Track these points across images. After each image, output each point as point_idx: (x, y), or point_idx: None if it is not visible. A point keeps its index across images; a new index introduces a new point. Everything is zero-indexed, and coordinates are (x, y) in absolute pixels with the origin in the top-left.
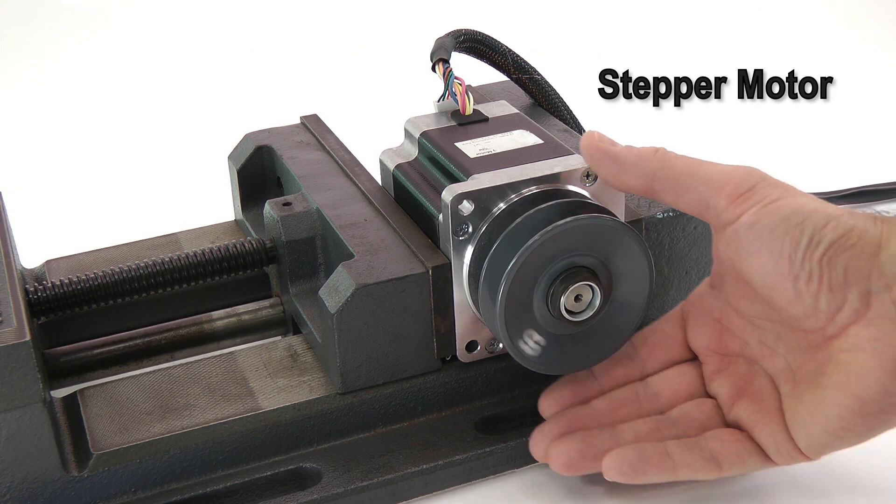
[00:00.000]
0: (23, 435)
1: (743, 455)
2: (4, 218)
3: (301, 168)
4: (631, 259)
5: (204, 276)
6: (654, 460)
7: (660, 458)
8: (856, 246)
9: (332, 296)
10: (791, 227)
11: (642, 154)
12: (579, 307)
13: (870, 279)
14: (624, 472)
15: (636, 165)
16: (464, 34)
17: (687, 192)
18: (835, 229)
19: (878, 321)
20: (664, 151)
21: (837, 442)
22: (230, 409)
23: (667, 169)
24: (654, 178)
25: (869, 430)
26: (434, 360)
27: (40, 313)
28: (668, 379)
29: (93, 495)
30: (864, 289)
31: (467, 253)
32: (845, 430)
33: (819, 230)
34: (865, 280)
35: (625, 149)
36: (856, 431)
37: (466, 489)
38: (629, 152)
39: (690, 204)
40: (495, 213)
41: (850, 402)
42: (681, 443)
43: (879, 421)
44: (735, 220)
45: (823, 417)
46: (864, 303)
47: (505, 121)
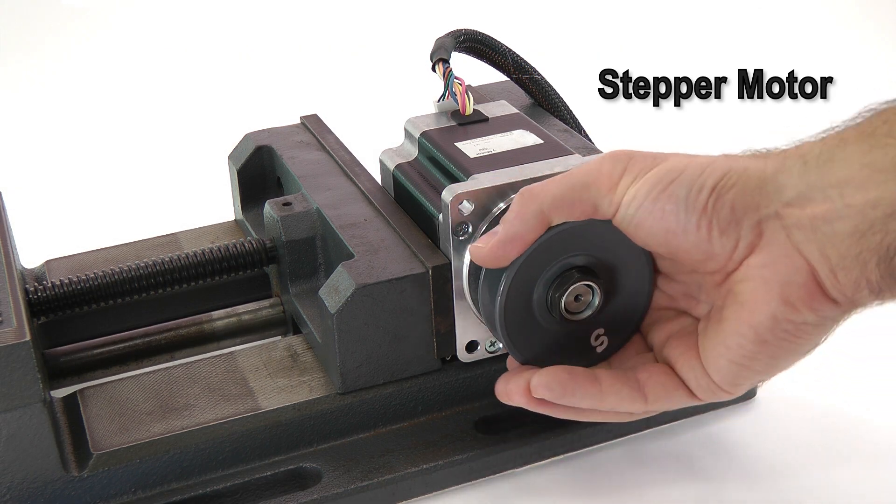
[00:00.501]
0: (23, 435)
1: (669, 388)
2: (4, 218)
3: (301, 168)
4: (631, 259)
5: (204, 276)
6: (583, 382)
7: (588, 382)
8: (737, 184)
9: (332, 296)
10: (666, 185)
11: (519, 210)
12: (579, 307)
13: (759, 209)
14: (552, 388)
15: (524, 223)
16: (464, 34)
17: (576, 206)
18: (712, 174)
19: (767, 248)
20: (528, 190)
21: (746, 371)
22: (230, 409)
23: (547, 200)
24: (542, 213)
25: (770, 357)
26: (434, 360)
27: (40, 313)
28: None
29: (93, 495)
30: (754, 220)
31: (467, 253)
32: (748, 359)
33: (696, 178)
34: (755, 211)
35: (501, 227)
36: (759, 359)
37: (466, 489)
38: (510, 223)
39: (583, 213)
40: (495, 213)
41: (746, 331)
42: (611, 371)
43: (777, 347)
44: (618, 205)
45: (725, 349)
46: (757, 233)
47: (505, 121)
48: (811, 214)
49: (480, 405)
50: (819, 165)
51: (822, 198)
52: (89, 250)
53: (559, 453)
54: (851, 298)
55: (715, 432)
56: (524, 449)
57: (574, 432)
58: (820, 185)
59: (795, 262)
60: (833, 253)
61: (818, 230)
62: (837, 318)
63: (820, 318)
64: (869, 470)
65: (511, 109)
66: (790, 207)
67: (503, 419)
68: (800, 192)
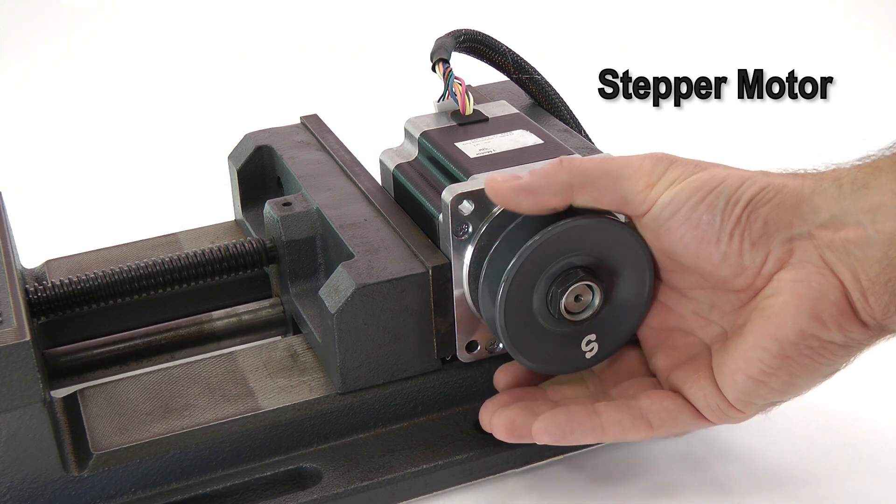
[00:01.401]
0: (23, 435)
1: (673, 412)
2: (4, 218)
3: (301, 168)
4: (631, 259)
5: (204, 276)
6: (582, 419)
7: (587, 418)
8: (773, 199)
9: (332, 296)
10: (706, 194)
11: (549, 172)
12: (579, 307)
13: (791, 227)
14: (552, 433)
15: (549, 184)
16: (464, 34)
17: (604, 193)
18: (751, 187)
19: (799, 264)
20: (569, 160)
21: (762, 389)
22: (230, 409)
23: (579, 176)
24: (570, 188)
25: (790, 375)
26: (434, 360)
27: (40, 313)
28: (609, 363)
29: (93, 495)
30: (786, 237)
31: (467, 253)
32: (767, 375)
33: (735, 190)
34: (787, 228)
35: (530, 175)
36: (777, 376)
37: (466, 489)
38: (536, 176)
39: (609, 202)
40: (495, 213)
41: (769, 344)
42: (610, 403)
43: (799, 365)
44: (652, 205)
45: (745, 362)
46: (788, 250)
47: (505, 121)
48: (843, 238)
49: (480, 405)
50: (853, 191)
51: (855, 222)
52: (89, 250)
53: (559, 453)
54: (881, 323)
55: (718, 431)
56: (524, 449)
57: None
58: (853, 209)
59: (829, 280)
60: (864, 277)
61: (850, 254)
62: (863, 342)
63: (847, 338)
64: (878, 479)
65: (511, 109)
66: (823, 229)
67: None
68: (833, 214)
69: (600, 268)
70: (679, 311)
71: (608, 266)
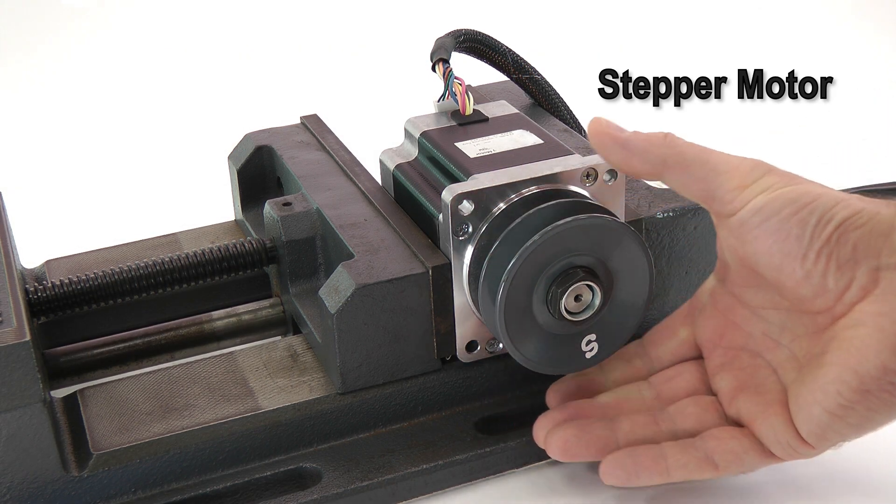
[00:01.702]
0: (23, 435)
1: (740, 453)
2: (4, 218)
3: (301, 168)
4: (631, 259)
5: (204, 276)
6: (649, 464)
7: (654, 461)
8: (866, 225)
9: (332, 296)
10: (799, 208)
11: (651, 139)
12: (579, 307)
13: (880, 256)
14: (619, 476)
15: (646, 151)
16: (464, 34)
17: (694, 181)
18: (844, 209)
19: (883, 297)
20: (673, 137)
21: (838, 423)
22: (230, 409)
23: (677, 156)
24: (663, 164)
25: (868, 410)
26: (434, 360)
27: (40, 313)
28: (669, 376)
29: (93, 495)
30: (873, 265)
31: (467, 253)
32: (844, 409)
33: (828, 210)
34: (875, 257)
35: (633, 134)
36: (855, 410)
37: (466, 489)
38: (638, 138)
39: (696, 192)
40: (495, 213)
41: (850, 378)
42: (676, 444)
43: (878, 400)
44: (741, 207)
45: (823, 395)
46: (873, 279)
47: (505, 121)
48: None
49: (480, 405)
50: None
51: None
52: (89, 250)
53: None
54: None
55: None
56: (524, 449)
57: None
58: None
59: None
60: None
61: None
62: None
63: None
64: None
65: (511, 109)
66: None
67: (503, 419)
68: None
69: (600, 268)
70: (748, 330)
71: (608, 266)
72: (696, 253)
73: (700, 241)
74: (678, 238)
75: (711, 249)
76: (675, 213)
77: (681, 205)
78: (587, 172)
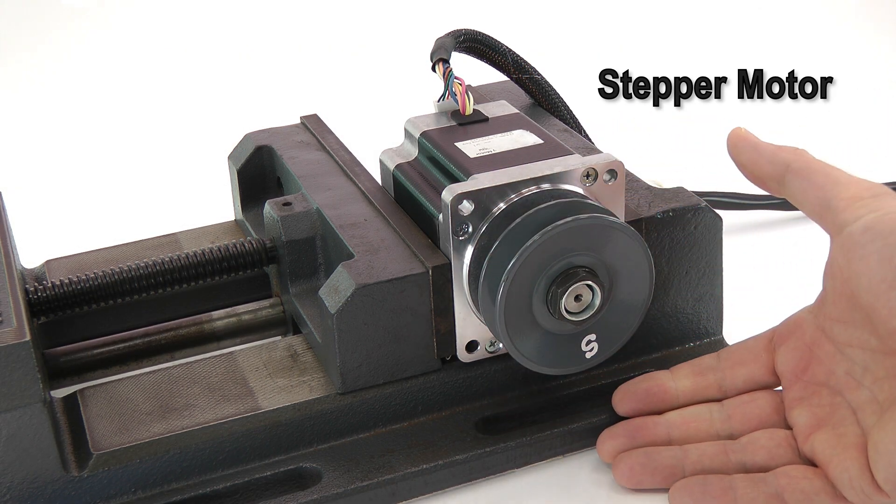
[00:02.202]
0: (23, 435)
1: (811, 493)
2: (4, 218)
3: (301, 168)
4: (631, 259)
5: (204, 276)
6: (717, 493)
7: (723, 492)
8: None
9: (332, 296)
10: None
11: (782, 146)
12: (579, 307)
13: None
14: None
15: (773, 154)
16: (464, 34)
17: (813, 189)
18: None
19: None
20: (803, 150)
21: None
22: (230, 409)
23: (801, 162)
24: (787, 167)
25: None
26: (434, 360)
27: (40, 313)
28: (743, 403)
29: (93, 495)
30: None
31: (467, 253)
32: None
33: None
34: None
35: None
36: None
37: (466, 489)
38: (768, 143)
39: (813, 199)
40: (495, 213)
41: None
42: (747, 477)
43: None
44: (852, 222)
45: None
46: None
47: (505, 121)
48: None
49: (480, 405)
50: None
51: None
52: (89, 250)
53: (559, 453)
54: None
55: None
56: (524, 449)
57: (575, 432)
58: None
59: None
60: None
61: None
62: None
63: None
64: None
65: (511, 109)
66: None
67: (503, 419)
68: None
69: (600, 268)
70: (832, 367)
71: (608, 266)
72: (696, 253)
73: (700, 241)
74: (678, 238)
75: (712, 249)
76: (675, 213)
77: (681, 205)
78: (587, 172)
